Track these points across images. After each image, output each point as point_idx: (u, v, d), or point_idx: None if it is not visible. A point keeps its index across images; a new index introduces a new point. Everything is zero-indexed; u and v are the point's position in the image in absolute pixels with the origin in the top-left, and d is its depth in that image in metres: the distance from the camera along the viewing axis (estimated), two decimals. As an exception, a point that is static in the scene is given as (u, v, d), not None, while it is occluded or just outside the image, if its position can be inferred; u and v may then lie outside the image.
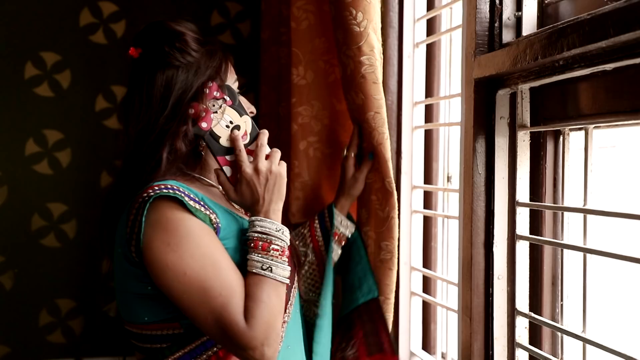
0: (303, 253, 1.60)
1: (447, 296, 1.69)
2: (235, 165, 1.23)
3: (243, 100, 1.32)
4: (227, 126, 1.23)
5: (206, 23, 2.42)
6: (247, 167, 1.21)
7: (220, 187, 1.27)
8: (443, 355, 1.71)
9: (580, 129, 1.16)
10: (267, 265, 1.17)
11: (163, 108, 1.23)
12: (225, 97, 1.24)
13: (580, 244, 1.13)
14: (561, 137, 1.22)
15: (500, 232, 1.26)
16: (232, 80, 1.32)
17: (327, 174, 1.76)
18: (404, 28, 1.76)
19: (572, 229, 1.21)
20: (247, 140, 1.24)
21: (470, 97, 1.27)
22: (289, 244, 1.23)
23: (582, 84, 1.10)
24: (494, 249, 1.26)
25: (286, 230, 1.23)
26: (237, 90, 1.31)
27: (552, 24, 1.14)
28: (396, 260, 1.61)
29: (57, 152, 2.33)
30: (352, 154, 1.62)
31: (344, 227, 1.63)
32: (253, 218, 1.21)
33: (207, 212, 1.19)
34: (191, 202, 1.17)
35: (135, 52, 1.27)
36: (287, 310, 1.29)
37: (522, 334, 1.25)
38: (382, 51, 1.59)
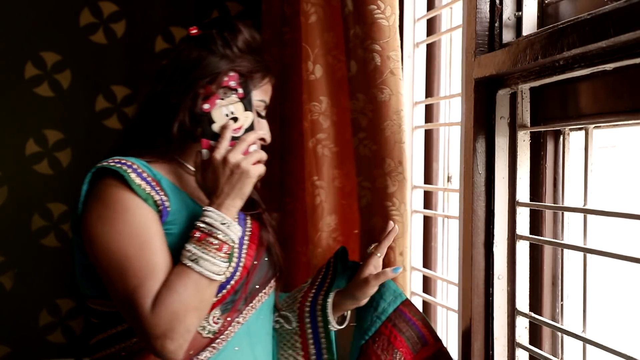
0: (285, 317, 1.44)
1: (447, 296, 1.69)
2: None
3: (263, 123, 1.33)
4: (227, 115, 1.23)
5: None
6: (218, 154, 1.19)
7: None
8: (443, 355, 1.71)
9: (580, 129, 1.16)
10: (195, 257, 1.14)
11: (183, 80, 1.25)
12: (238, 89, 1.25)
13: (580, 244, 1.13)
14: (561, 137, 1.22)
15: (501, 232, 1.26)
16: (259, 96, 1.31)
17: (336, 174, 1.74)
18: (404, 28, 1.76)
19: (572, 229, 1.21)
20: (239, 134, 1.23)
21: (470, 97, 1.27)
22: (235, 240, 1.18)
23: (582, 84, 1.10)
24: (494, 249, 1.26)
25: (234, 226, 1.17)
26: (260, 104, 1.32)
27: (552, 24, 1.14)
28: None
29: (57, 152, 2.33)
30: (379, 255, 1.42)
31: (335, 325, 1.43)
32: (204, 208, 1.18)
33: (152, 193, 1.19)
34: (137, 180, 1.18)
35: (194, 30, 1.31)
36: (243, 311, 1.27)
37: (522, 334, 1.25)
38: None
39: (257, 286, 1.32)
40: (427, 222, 1.79)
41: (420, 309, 1.78)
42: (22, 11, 2.30)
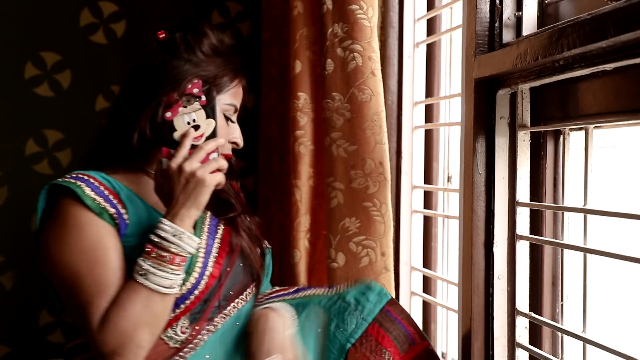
0: None
1: (447, 296, 1.69)
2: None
3: (233, 127, 1.31)
4: (189, 123, 1.20)
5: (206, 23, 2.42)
6: (174, 163, 1.16)
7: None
8: (443, 355, 1.71)
9: (580, 129, 1.16)
10: (145, 272, 1.11)
11: (145, 87, 1.23)
12: (201, 96, 1.21)
13: (580, 244, 1.13)
14: (561, 137, 1.22)
15: (501, 232, 1.26)
16: (228, 100, 1.28)
17: (312, 173, 1.74)
18: (404, 28, 1.76)
19: (572, 229, 1.21)
20: (199, 142, 1.19)
21: (470, 97, 1.27)
22: (189, 251, 1.14)
23: (582, 84, 1.10)
24: (494, 249, 1.26)
25: (187, 237, 1.13)
26: (229, 108, 1.29)
27: (552, 24, 1.14)
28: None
29: (57, 152, 2.33)
30: None
31: None
32: (159, 219, 1.15)
33: (107, 206, 1.17)
34: (91, 194, 1.17)
35: (161, 34, 1.29)
36: (215, 319, 1.24)
37: (522, 334, 1.25)
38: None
39: (231, 292, 1.28)
40: (427, 222, 1.79)
41: (420, 309, 1.78)
42: (22, 11, 2.30)
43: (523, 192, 1.25)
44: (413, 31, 1.76)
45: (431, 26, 1.77)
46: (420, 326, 1.78)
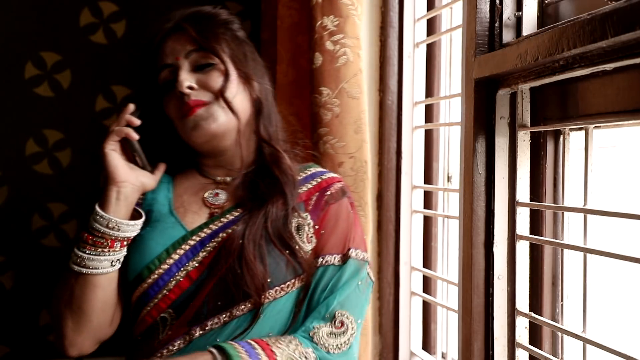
0: None
1: (447, 296, 1.69)
2: None
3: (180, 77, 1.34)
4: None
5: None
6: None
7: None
8: (443, 355, 1.71)
9: (580, 129, 1.16)
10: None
11: None
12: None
13: (580, 244, 1.13)
14: (561, 137, 1.22)
15: (501, 232, 1.26)
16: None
17: None
18: (404, 28, 1.76)
19: (572, 229, 1.21)
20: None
21: (470, 97, 1.27)
22: (95, 227, 1.21)
23: (582, 84, 1.10)
24: (494, 249, 1.26)
25: (97, 215, 1.21)
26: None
27: (552, 24, 1.14)
28: None
29: (57, 152, 2.33)
30: None
31: None
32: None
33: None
34: None
35: None
36: (190, 333, 1.21)
37: (522, 334, 1.25)
38: None
39: (210, 310, 1.21)
40: (427, 222, 1.79)
41: (421, 309, 1.78)
42: (22, 11, 2.29)
43: (523, 192, 1.25)
44: (413, 31, 1.76)
45: (431, 26, 1.77)
46: (421, 326, 1.78)
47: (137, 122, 1.27)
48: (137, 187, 1.25)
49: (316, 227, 1.27)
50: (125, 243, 1.23)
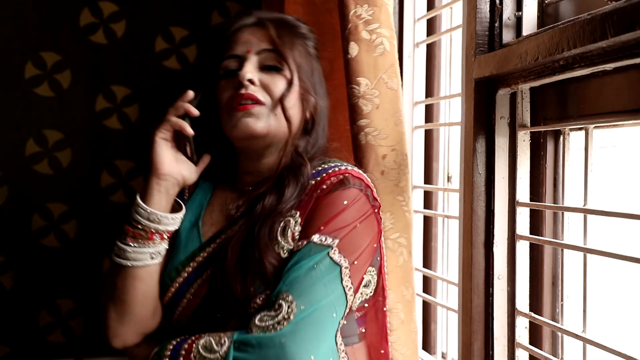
0: None
1: (447, 296, 1.69)
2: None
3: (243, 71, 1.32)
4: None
5: (206, 23, 2.42)
6: None
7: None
8: (443, 355, 1.71)
9: (580, 129, 1.16)
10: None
11: None
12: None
13: (580, 244, 1.13)
14: (561, 137, 1.22)
15: (501, 232, 1.26)
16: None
17: None
18: (404, 28, 1.76)
19: (572, 229, 1.21)
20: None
21: (470, 97, 1.27)
22: (142, 222, 1.19)
23: (582, 84, 1.10)
24: (494, 249, 1.26)
25: (139, 208, 1.19)
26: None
27: (552, 24, 1.14)
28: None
29: (57, 152, 2.33)
30: None
31: None
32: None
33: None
34: None
35: None
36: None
37: (522, 334, 1.25)
38: None
39: (211, 323, 1.18)
40: (427, 222, 1.79)
41: (421, 309, 1.78)
42: (22, 11, 2.29)
43: (523, 192, 1.25)
44: (413, 31, 1.76)
45: (431, 26, 1.77)
46: (421, 326, 1.78)
47: (195, 112, 1.23)
48: (178, 181, 1.24)
49: (301, 221, 1.20)
50: (165, 236, 1.21)
